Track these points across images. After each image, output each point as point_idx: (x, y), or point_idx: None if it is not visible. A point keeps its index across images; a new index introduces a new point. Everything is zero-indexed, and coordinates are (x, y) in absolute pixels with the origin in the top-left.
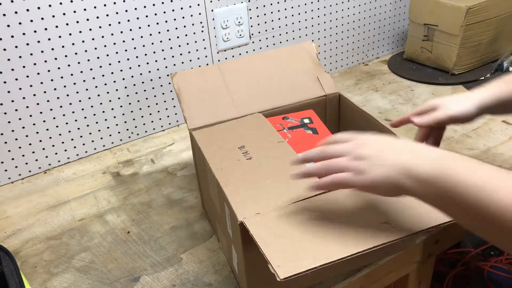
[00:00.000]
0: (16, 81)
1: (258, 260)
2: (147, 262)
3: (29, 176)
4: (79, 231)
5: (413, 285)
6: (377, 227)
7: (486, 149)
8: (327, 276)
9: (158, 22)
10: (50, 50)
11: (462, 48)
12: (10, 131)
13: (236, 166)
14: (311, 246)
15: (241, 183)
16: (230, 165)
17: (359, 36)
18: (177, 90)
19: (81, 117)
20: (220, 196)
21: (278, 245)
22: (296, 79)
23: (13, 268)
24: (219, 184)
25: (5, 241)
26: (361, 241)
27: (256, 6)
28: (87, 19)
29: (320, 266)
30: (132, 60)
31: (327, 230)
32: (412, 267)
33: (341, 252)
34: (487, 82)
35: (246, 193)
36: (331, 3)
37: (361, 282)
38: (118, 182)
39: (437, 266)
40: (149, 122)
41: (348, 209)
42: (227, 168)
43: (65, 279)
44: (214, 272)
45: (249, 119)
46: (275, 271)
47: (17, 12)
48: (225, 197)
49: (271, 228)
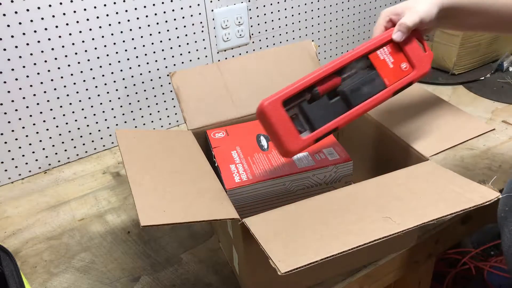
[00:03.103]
0: (16, 81)
1: (259, 260)
2: (147, 262)
3: (29, 176)
4: (79, 231)
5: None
6: (378, 221)
7: (486, 149)
8: (327, 276)
9: (158, 22)
10: (50, 50)
11: (462, 48)
12: (10, 131)
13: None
14: (312, 241)
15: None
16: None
17: (359, 36)
18: (176, 90)
19: (81, 117)
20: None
21: (278, 241)
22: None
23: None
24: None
25: (5, 241)
26: (362, 236)
27: (256, 6)
28: (87, 19)
29: (321, 260)
30: (132, 60)
31: (327, 226)
32: (412, 267)
33: (342, 246)
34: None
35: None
36: (331, 3)
37: (361, 282)
38: (118, 182)
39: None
40: (149, 122)
41: (348, 205)
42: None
43: (65, 279)
44: (214, 272)
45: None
46: (276, 265)
47: (17, 12)
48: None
49: (271, 226)
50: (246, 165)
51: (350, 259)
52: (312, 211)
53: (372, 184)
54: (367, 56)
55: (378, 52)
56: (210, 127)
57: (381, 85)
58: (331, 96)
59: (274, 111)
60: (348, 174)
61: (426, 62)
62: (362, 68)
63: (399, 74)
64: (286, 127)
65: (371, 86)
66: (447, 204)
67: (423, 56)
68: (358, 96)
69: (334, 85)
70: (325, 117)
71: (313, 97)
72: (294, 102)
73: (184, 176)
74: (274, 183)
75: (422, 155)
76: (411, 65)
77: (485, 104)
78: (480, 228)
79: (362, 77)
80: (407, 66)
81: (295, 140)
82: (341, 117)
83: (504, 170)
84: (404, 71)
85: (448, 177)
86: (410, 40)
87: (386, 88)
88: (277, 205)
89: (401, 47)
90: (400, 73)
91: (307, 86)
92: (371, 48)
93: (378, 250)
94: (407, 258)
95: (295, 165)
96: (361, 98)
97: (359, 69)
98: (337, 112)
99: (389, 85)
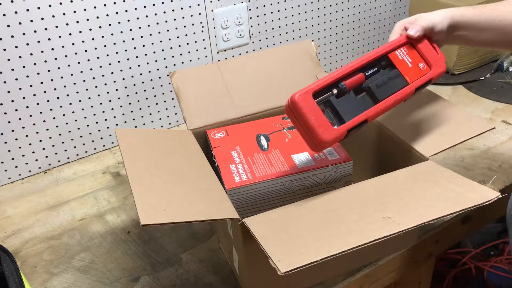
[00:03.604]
0: (16, 81)
1: (259, 260)
2: (147, 262)
3: (29, 176)
4: (79, 231)
5: (413, 285)
6: (378, 221)
7: (486, 149)
8: (327, 276)
9: (158, 22)
10: (50, 50)
11: (462, 48)
12: (10, 131)
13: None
14: (311, 241)
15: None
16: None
17: (359, 36)
18: (176, 90)
19: (81, 117)
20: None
21: (278, 241)
22: (295, 78)
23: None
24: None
25: (5, 241)
26: (362, 235)
27: (256, 6)
28: (87, 19)
29: (321, 260)
30: (132, 60)
31: (327, 226)
32: (412, 267)
33: (342, 246)
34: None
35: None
36: (331, 3)
37: (361, 282)
38: (118, 182)
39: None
40: (149, 122)
41: (348, 205)
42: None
43: (65, 279)
44: (214, 272)
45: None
46: (275, 265)
47: (17, 12)
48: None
49: (271, 226)
50: (246, 165)
51: (350, 259)
52: (312, 211)
53: (372, 184)
54: (387, 55)
55: (397, 52)
56: (210, 127)
57: (403, 82)
58: (357, 92)
59: (305, 103)
60: (348, 174)
61: (441, 62)
62: (383, 67)
63: (418, 72)
64: (319, 118)
65: (394, 82)
66: (447, 204)
67: (438, 57)
68: (383, 91)
69: (360, 81)
70: (354, 111)
71: (341, 92)
72: (322, 96)
73: (184, 175)
74: (274, 183)
75: (422, 155)
76: (427, 64)
77: (485, 104)
78: (480, 228)
79: (384, 74)
80: (424, 66)
81: (328, 130)
82: (370, 110)
83: (504, 170)
84: (422, 70)
85: (448, 177)
86: (424, 43)
87: (408, 84)
88: (277, 205)
89: (416, 48)
90: (419, 72)
91: (336, 80)
92: (391, 48)
93: (378, 250)
94: (407, 258)
95: (295, 165)
96: (386, 94)
97: (380, 68)
98: (365, 106)
99: (410, 82)
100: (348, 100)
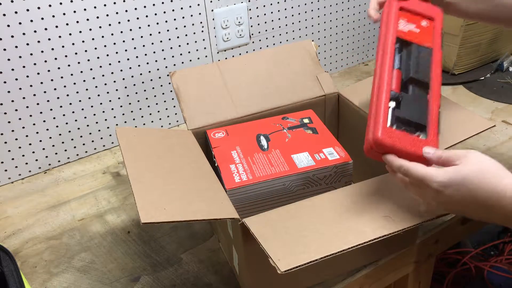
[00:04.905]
0: (16, 81)
1: (259, 260)
2: (147, 262)
3: (29, 176)
4: (79, 231)
5: (413, 285)
6: (378, 220)
7: (486, 149)
8: (327, 276)
9: (158, 22)
10: (50, 50)
11: (462, 48)
12: (10, 131)
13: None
14: (311, 240)
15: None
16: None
17: (359, 36)
18: (176, 90)
19: (81, 117)
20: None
21: (278, 240)
22: (295, 78)
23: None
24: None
25: (5, 241)
26: (361, 234)
27: (256, 6)
28: (87, 19)
29: (321, 259)
30: (132, 60)
31: (327, 226)
32: (412, 267)
33: (341, 245)
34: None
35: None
36: (331, 3)
37: (361, 282)
38: (118, 182)
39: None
40: (149, 122)
41: (348, 205)
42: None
43: (65, 279)
44: (214, 272)
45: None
46: (275, 264)
47: (17, 12)
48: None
49: (271, 226)
50: (246, 165)
51: (350, 258)
52: (312, 211)
53: (372, 184)
54: (397, 37)
55: (400, 27)
56: (210, 127)
57: (426, 50)
58: (404, 89)
59: (390, 137)
60: (348, 174)
61: (434, 7)
62: (400, 50)
63: (428, 32)
64: (409, 141)
65: (421, 57)
66: None
67: (429, 6)
68: (423, 72)
69: (399, 77)
70: (420, 109)
71: (397, 100)
72: (391, 119)
73: (184, 175)
74: (274, 183)
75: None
76: (428, 18)
77: (485, 104)
78: (480, 228)
79: (408, 55)
80: (427, 22)
81: (423, 145)
82: (431, 97)
83: None
84: (429, 26)
85: None
86: (412, 0)
87: (432, 49)
88: (277, 205)
89: (410, 10)
90: (428, 30)
91: (389, 94)
92: (393, 28)
93: (378, 250)
94: (407, 258)
95: (295, 165)
96: (426, 72)
97: (398, 52)
98: (422, 96)
99: (432, 46)
100: (407, 103)
